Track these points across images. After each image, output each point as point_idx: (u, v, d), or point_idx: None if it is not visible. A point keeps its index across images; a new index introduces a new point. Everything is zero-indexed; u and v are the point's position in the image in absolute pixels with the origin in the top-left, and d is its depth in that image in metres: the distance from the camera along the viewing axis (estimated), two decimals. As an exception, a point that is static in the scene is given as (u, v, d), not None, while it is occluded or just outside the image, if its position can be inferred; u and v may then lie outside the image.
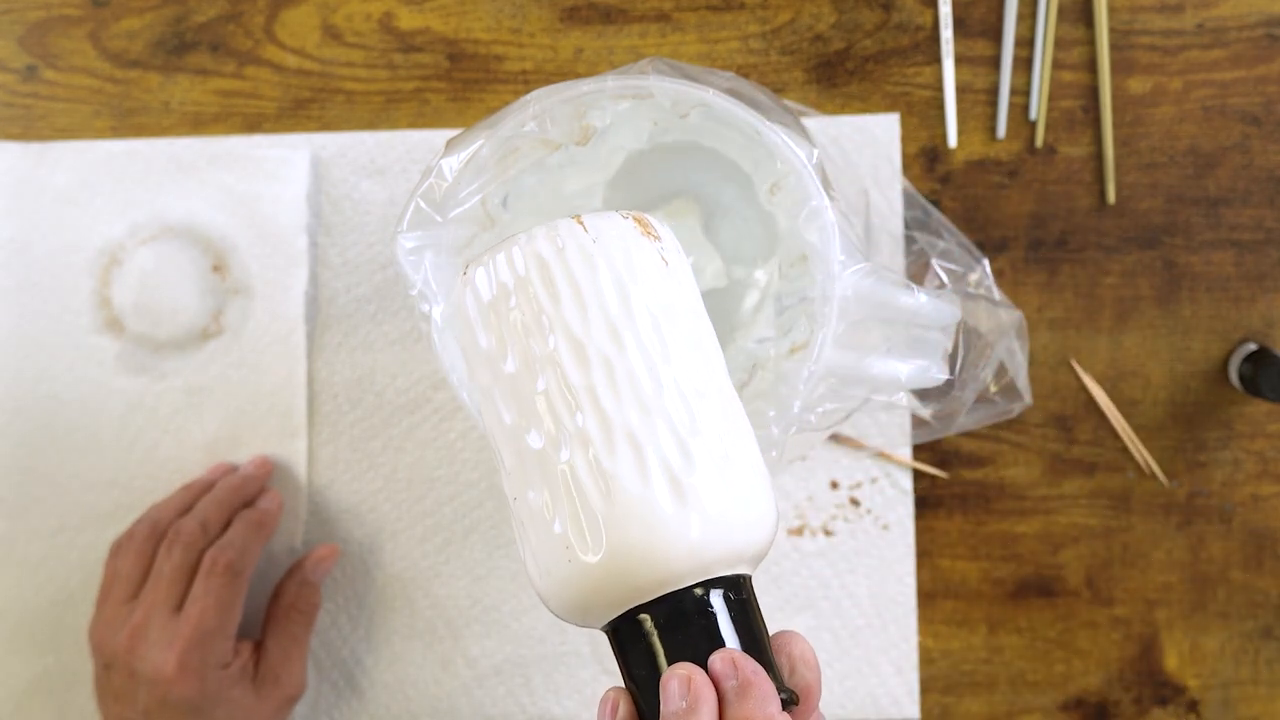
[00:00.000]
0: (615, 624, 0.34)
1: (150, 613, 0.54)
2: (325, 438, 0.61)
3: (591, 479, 0.34)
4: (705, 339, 0.38)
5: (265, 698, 0.56)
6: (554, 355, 0.35)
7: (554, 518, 0.35)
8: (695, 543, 0.34)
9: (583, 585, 0.34)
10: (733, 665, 0.33)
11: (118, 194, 0.62)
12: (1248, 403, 0.60)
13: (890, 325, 0.46)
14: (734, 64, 0.60)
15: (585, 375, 0.35)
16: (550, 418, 0.35)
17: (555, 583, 0.35)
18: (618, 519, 0.34)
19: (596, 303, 0.35)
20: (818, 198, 0.44)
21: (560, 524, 0.34)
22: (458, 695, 0.61)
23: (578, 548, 0.34)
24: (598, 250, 0.36)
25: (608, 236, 0.36)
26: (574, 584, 0.34)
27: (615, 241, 0.36)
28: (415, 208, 0.46)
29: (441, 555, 0.61)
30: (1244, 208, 0.60)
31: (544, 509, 0.35)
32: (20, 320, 0.62)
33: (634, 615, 0.34)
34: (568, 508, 0.34)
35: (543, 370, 0.35)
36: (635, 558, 0.33)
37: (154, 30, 0.62)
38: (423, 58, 0.62)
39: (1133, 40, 0.60)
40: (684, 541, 0.33)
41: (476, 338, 0.37)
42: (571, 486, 0.34)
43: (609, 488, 0.34)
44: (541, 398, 0.35)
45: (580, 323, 0.35)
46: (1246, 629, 0.60)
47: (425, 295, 0.46)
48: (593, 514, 0.34)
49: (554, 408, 0.35)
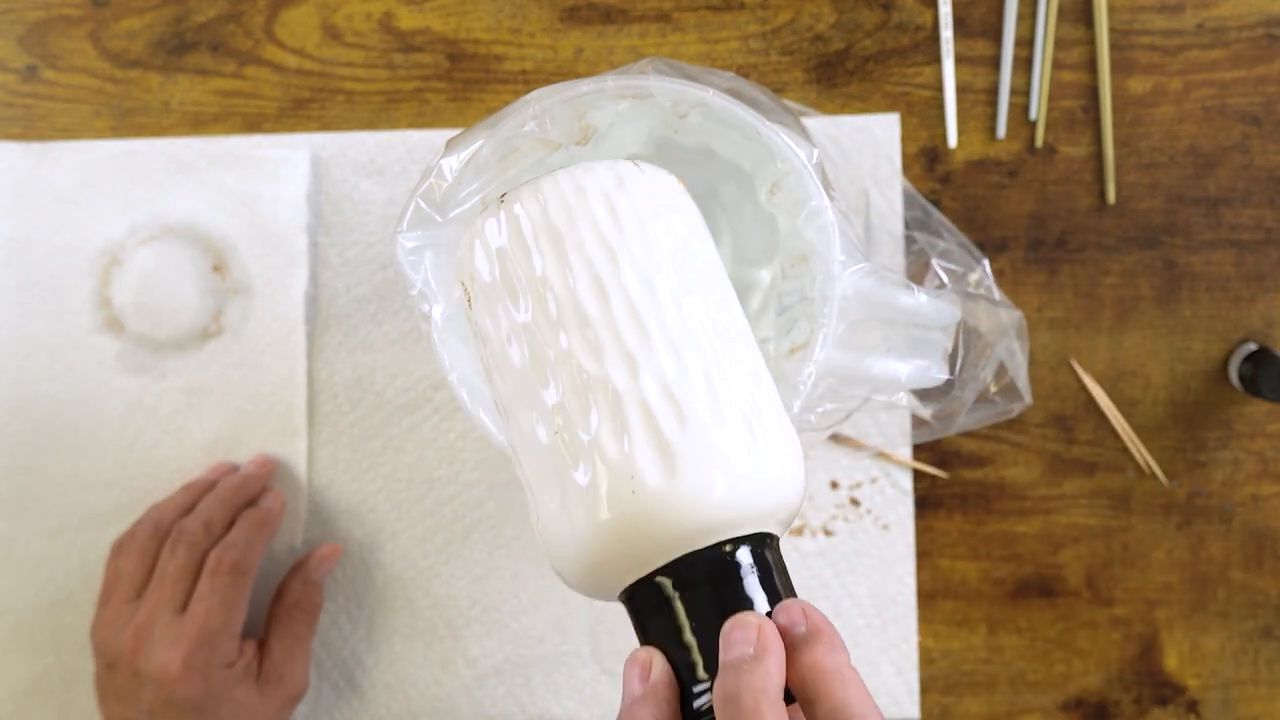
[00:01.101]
0: (634, 589, 0.33)
1: (155, 612, 0.54)
2: (325, 438, 0.61)
3: (645, 418, 0.33)
4: (728, 291, 0.38)
5: (269, 697, 0.56)
6: (621, 279, 0.35)
7: (580, 465, 0.33)
8: (728, 497, 0.33)
9: (629, 526, 0.32)
10: (801, 613, 0.32)
11: (118, 194, 0.62)
12: (1248, 403, 0.60)
13: (890, 325, 0.46)
14: (734, 64, 0.60)
15: (618, 313, 0.35)
16: (609, 342, 0.34)
17: (580, 540, 0.33)
18: (675, 460, 0.33)
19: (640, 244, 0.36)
20: (818, 198, 0.44)
21: (588, 472, 0.33)
22: (458, 695, 0.61)
23: (619, 490, 0.33)
24: (656, 186, 0.38)
25: (662, 179, 0.39)
26: (608, 534, 0.33)
27: (664, 182, 0.39)
28: (415, 208, 0.46)
29: (441, 555, 0.61)
30: (1244, 208, 0.60)
31: (570, 453, 0.34)
32: (20, 320, 0.62)
33: (660, 575, 0.33)
34: (608, 448, 0.33)
35: (604, 293, 0.35)
36: (672, 509, 0.32)
37: (154, 30, 0.62)
38: (423, 58, 0.62)
39: (1133, 40, 0.60)
40: (717, 495, 0.33)
41: (531, 262, 0.37)
42: (621, 425, 0.33)
43: (660, 429, 0.33)
44: (602, 325, 0.35)
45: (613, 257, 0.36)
46: (1246, 629, 0.60)
47: (425, 295, 0.46)
48: (648, 453, 0.33)
49: (617, 329, 0.34)
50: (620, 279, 0.36)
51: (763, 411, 0.35)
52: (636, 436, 0.33)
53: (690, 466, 0.33)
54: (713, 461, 0.33)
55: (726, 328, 0.37)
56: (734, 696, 0.30)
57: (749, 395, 0.35)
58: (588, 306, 0.35)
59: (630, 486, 0.33)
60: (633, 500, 0.33)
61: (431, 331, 0.46)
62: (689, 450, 0.33)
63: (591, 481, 0.33)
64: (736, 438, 0.34)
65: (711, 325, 0.36)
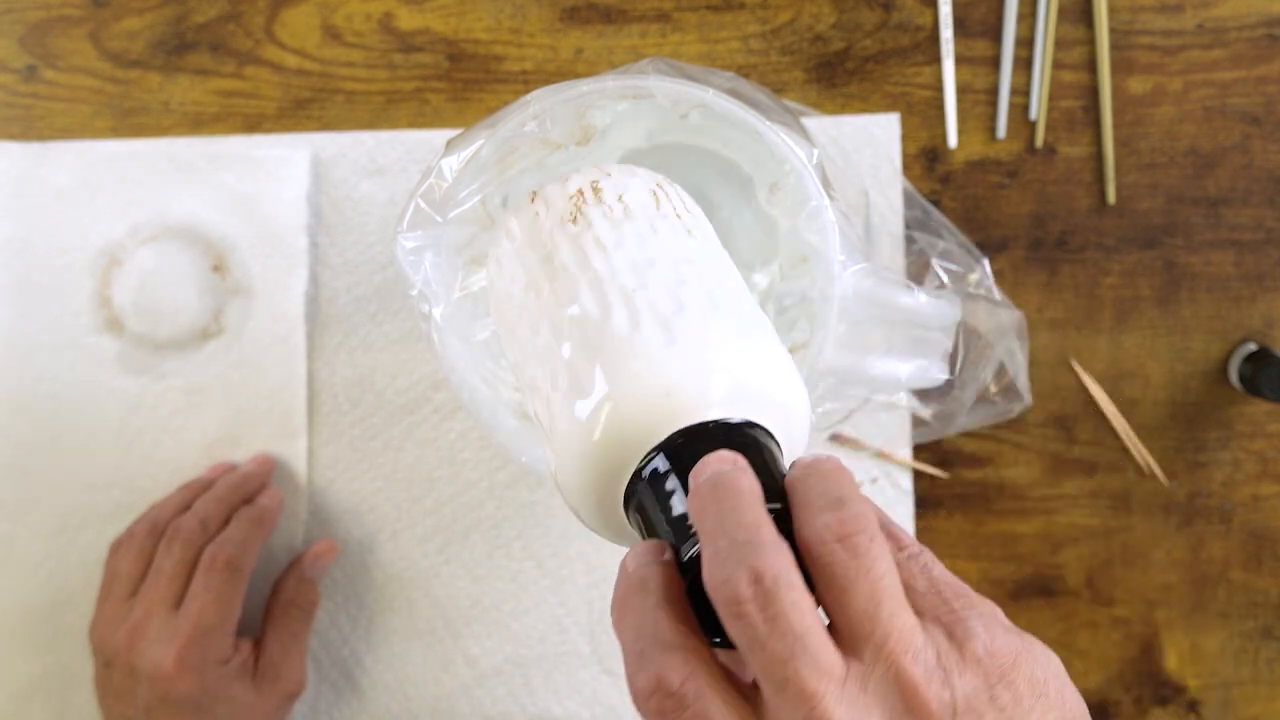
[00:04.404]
0: (630, 489, 0.33)
1: (150, 610, 0.54)
2: (325, 438, 0.61)
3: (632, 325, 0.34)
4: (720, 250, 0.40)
5: (265, 694, 0.56)
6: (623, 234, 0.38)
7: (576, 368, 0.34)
8: (685, 382, 0.33)
9: (617, 418, 0.33)
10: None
11: (118, 194, 0.62)
12: (1248, 403, 0.60)
13: (890, 325, 0.46)
14: (734, 64, 0.60)
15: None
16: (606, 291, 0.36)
17: (578, 447, 0.33)
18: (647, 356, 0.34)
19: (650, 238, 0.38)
20: (818, 198, 0.44)
21: (596, 374, 0.34)
22: (458, 695, 0.61)
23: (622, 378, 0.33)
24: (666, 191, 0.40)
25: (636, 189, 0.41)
26: (602, 425, 0.33)
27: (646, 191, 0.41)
28: (415, 208, 0.46)
29: (441, 555, 0.61)
30: (1244, 208, 0.60)
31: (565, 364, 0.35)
32: (20, 320, 0.62)
33: (643, 463, 0.32)
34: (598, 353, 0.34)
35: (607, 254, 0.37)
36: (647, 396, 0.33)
37: (154, 30, 0.62)
38: (423, 58, 0.62)
39: (1133, 40, 0.60)
40: (674, 380, 0.33)
41: (557, 246, 0.38)
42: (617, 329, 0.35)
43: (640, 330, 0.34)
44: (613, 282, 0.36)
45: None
46: (1246, 629, 0.60)
47: (425, 295, 0.46)
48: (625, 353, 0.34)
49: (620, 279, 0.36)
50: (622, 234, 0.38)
51: (749, 318, 0.36)
52: (641, 326, 0.35)
53: (657, 359, 0.33)
54: (676, 353, 0.33)
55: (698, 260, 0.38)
56: (712, 497, 0.29)
57: (723, 303, 0.36)
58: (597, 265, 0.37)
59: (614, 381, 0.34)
60: (617, 398, 0.33)
61: (431, 331, 0.46)
62: (673, 342, 0.34)
63: (591, 395, 0.34)
64: (704, 334, 0.34)
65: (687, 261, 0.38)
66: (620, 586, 0.30)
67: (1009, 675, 0.27)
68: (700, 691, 0.27)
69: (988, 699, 0.27)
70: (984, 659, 0.27)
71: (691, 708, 0.27)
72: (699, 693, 0.27)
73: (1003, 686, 0.27)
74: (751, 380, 0.33)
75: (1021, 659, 0.28)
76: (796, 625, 0.26)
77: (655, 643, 0.28)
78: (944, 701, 0.26)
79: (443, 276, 0.46)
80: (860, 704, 0.26)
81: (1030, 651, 0.28)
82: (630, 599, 0.29)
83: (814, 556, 0.28)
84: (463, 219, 0.47)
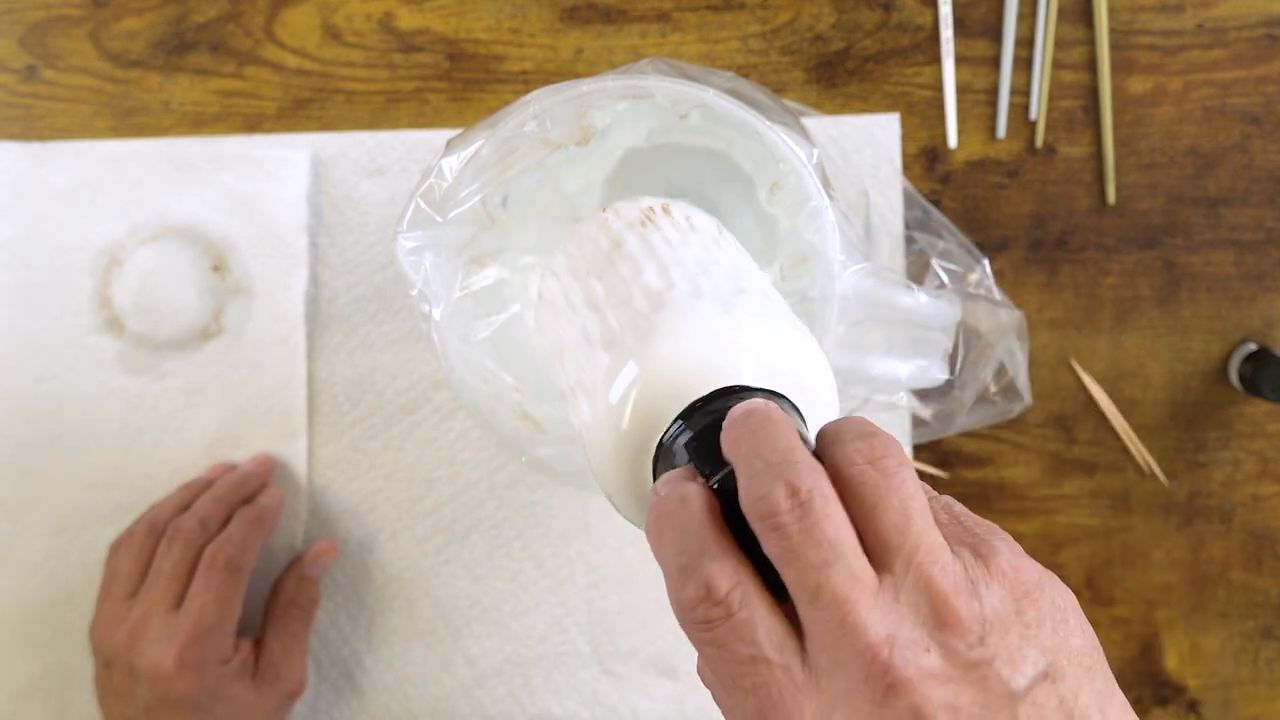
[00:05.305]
0: (656, 457, 0.33)
1: (150, 610, 0.54)
2: (325, 438, 0.61)
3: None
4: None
5: (266, 694, 0.56)
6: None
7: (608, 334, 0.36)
8: (707, 353, 0.34)
9: (643, 388, 0.34)
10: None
11: (118, 194, 0.61)
12: (1248, 403, 0.60)
13: (890, 325, 0.46)
14: (734, 64, 0.60)
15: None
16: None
17: (607, 421, 0.34)
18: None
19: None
20: (818, 198, 0.44)
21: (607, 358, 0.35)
22: (458, 695, 0.61)
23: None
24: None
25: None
26: (631, 397, 0.34)
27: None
28: (415, 208, 0.46)
29: (441, 555, 0.61)
30: (1244, 208, 0.60)
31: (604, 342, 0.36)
32: (20, 320, 0.61)
33: (668, 431, 0.33)
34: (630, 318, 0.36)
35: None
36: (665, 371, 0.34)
37: (154, 30, 0.62)
38: (423, 58, 0.62)
39: (1133, 40, 0.60)
40: (697, 351, 0.34)
41: (625, 239, 0.41)
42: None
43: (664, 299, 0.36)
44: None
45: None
46: (1246, 629, 0.60)
47: (425, 295, 0.46)
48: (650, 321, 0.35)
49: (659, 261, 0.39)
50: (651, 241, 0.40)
51: (749, 290, 0.37)
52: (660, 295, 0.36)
53: (675, 331, 0.34)
54: (694, 325, 0.34)
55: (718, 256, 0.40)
56: (746, 426, 0.29)
57: (737, 282, 0.37)
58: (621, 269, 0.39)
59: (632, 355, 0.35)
60: (638, 370, 0.34)
61: (431, 331, 0.46)
62: (675, 317, 0.35)
63: (610, 366, 0.35)
64: (712, 308, 0.35)
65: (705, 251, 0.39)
66: (656, 508, 0.30)
67: (1033, 594, 0.28)
68: (746, 598, 0.27)
69: (1014, 613, 0.27)
70: (1009, 575, 0.28)
71: (737, 615, 0.27)
72: (745, 599, 0.27)
73: (1028, 603, 0.27)
74: (780, 362, 0.34)
75: (1045, 583, 0.28)
76: (831, 535, 0.27)
77: (701, 552, 0.28)
78: (973, 612, 0.27)
79: (443, 276, 0.46)
80: (893, 612, 0.26)
81: (1052, 579, 0.29)
82: (671, 515, 0.29)
83: (845, 478, 0.28)
84: (463, 219, 0.47)
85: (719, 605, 0.27)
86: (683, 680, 0.61)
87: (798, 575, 0.27)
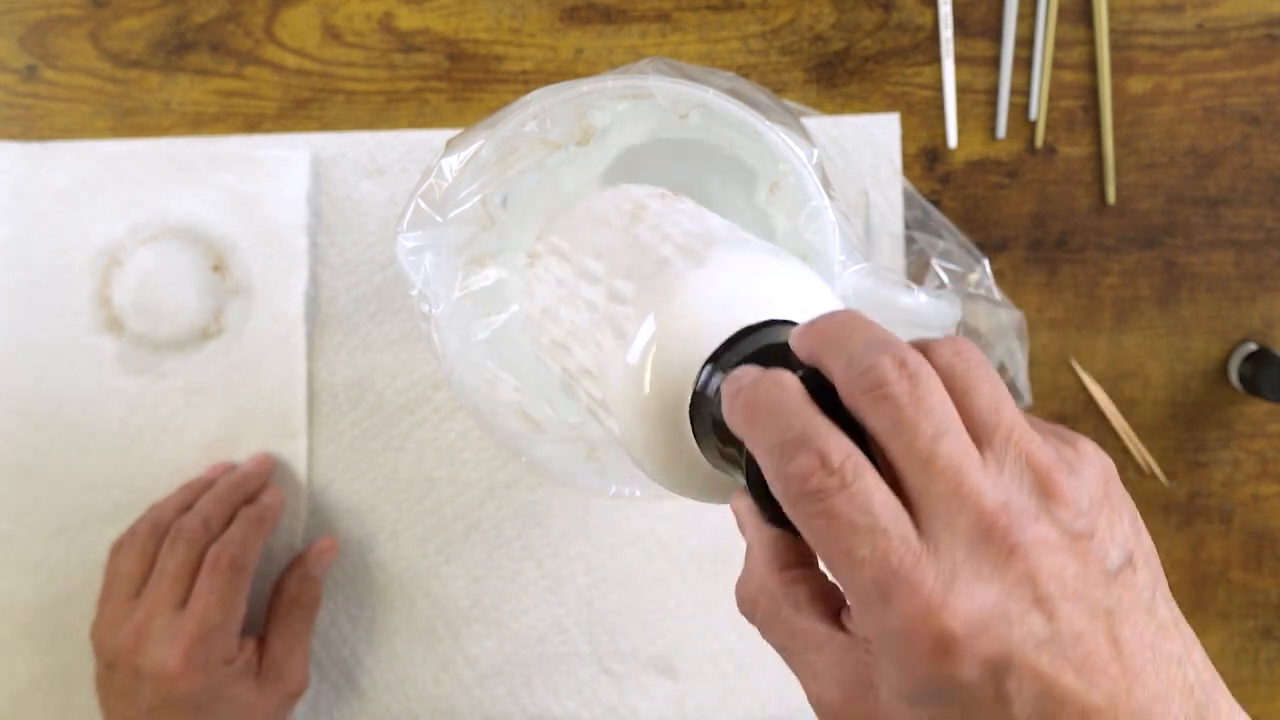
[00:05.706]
0: (693, 407, 0.33)
1: (154, 610, 0.54)
2: (325, 438, 0.61)
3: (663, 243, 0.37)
4: None
5: (268, 693, 0.56)
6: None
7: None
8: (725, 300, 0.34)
9: (664, 340, 0.33)
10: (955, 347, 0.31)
11: (118, 194, 0.62)
12: (1248, 403, 0.60)
13: (890, 325, 0.46)
14: (734, 64, 0.60)
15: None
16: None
17: (632, 379, 0.34)
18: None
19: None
20: (818, 198, 0.44)
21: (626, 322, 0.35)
22: (458, 695, 0.61)
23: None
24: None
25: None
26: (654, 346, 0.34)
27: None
28: (415, 208, 0.46)
29: (441, 555, 0.61)
30: (1244, 208, 0.60)
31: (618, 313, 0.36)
32: (20, 320, 0.62)
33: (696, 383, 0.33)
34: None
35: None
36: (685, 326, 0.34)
37: (154, 30, 0.62)
38: (423, 58, 0.62)
39: (1133, 40, 0.60)
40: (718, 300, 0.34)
41: (645, 205, 0.41)
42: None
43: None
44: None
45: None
46: (1246, 629, 0.60)
47: (425, 295, 0.46)
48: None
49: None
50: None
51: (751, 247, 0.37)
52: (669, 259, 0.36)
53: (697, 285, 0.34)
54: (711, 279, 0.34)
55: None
56: (829, 324, 0.30)
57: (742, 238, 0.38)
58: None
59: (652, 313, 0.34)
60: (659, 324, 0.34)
61: (431, 331, 0.46)
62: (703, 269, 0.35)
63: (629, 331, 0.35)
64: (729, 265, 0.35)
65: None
66: (749, 390, 0.29)
67: (1113, 481, 0.29)
68: (860, 469, 0.27)
69: (1104, 494, 0.28)
70: (1094, 459, 0.28)
71: (853, 485, 0.27)
72: (858, 470, 0.27)
73: (1114, 484, 0.28)
74: (796, 299, 0.34)
75: (1114, 472, 0.29)
76: (940, 404, 0.27)
77: (812, 426, 0.28)
78: (1073, 486, 0.27)
79: (443, 276, 0.46)
80: (1001, 481, 0.27)
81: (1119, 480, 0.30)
82: (769, 394, 0.29)
83: (937, 366, 0.29)
84: (463, 219, 0.47)
85: (834, 475, 0.27)
86: (683, 680, 0.61)
87: (908, 445, 0.27)
